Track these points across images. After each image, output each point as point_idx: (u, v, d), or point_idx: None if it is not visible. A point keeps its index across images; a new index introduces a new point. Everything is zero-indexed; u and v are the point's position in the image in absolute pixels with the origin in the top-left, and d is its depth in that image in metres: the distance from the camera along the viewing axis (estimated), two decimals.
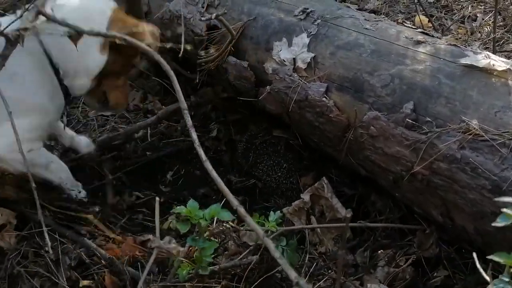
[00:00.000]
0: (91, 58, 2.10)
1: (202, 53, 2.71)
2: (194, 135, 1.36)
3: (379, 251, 2.04)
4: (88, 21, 1.88)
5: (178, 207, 1.64)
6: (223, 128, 2.98)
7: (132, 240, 2.05)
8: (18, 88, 1.98)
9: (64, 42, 1.75)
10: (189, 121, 1.52)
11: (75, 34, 1.62)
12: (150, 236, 2.13)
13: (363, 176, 2.25)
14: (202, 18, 2.56)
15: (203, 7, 2.79)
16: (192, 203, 1.61)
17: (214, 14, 2.47)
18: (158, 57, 1.71)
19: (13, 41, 1.60)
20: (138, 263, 1.97)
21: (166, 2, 2.95)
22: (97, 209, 2.31)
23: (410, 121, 1.89)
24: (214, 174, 1.35)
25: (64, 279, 1.90)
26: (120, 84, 2.32)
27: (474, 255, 1.24)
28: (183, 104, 1.62)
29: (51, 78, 2.09)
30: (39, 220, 2.07)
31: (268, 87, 2.41)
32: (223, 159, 2.85)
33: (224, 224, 1.91)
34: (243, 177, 2.73)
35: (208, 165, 1.34)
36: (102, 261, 1.94)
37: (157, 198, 1.56)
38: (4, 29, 1.54)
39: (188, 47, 2.21)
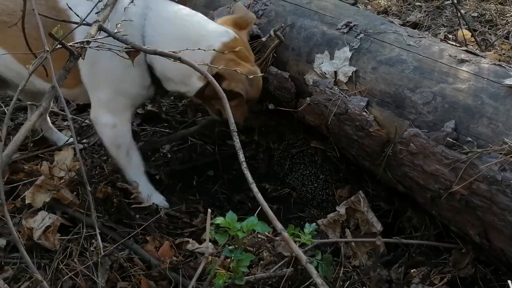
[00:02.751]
0: (190, 81, 2.31)
1: None
2: (242, 157, 1.41)
3: (414, 269, 2.03)
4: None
5: (217, 218, 1.68)
6: (260, 136, 3.02)
7: (169, 243, 2.10)
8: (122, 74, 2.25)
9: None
10: (237, 143, 1.57)
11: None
12: (189, 240, 2.19)
13: (400, 191, 2.25)
14: (263, 39, 2.61)
15: None
16: (231, 215, 1.65)
17: (273, 30, 2.55)
18: (211, 79, 1.76)
19: (76, 55, 1.68)
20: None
21: (210, 10, 3.00)
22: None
23: (450, 140, 1.89)
24: (260, 197, 1.39)
25: (104, 280, 1.95)
26: (233, 105, 2.34)
27: (510, 283, 1.23)
28: (233, 125, 1.68)
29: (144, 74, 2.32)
30: (89, 223, 2.19)
31: (308, 98, 2.44)
32: (260, 166, 2.88)
33: (260, 235, 1.94)
34: (278, 185, 2.76)
35: (255, 189, 1.38)
36: (141, 264, 1.99)
37: (209, 210, 1.62)
38: (72, 43, 1.62)
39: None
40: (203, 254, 2.07)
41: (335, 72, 2.35)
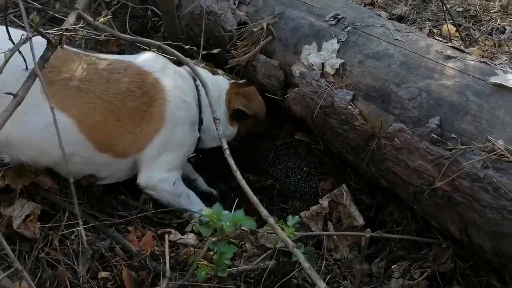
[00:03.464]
0: (228, 130, 2.68)
1: (233, 51, 2.74)
2: (225, 144, 1.39)
3: (395, 264, 2.04)
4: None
5: (203, 209, 1.66)
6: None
7: (151, 234, 2.08)
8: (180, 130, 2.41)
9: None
10: (220, 131, 1.55)
11: None
12: (171, 230, 2.18)
13: (382, 186, 2.26)
14: (254, 30, 2.59)
15: (234, 4, 2.81)
16: (217, 207, 1.63)
17: (265, 24, 2.54)
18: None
19: (53, 43, 1.63)
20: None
21: None
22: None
23: (435, 136, 1.90)
24: (244, 184, 1.38)
25: (85, 269, 1.93)
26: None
27: None
28: (215, 113, 1.66)
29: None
30: (71, 210, 2.16)
31: (295, 89, 2.42)
32: (243, 156, 2.87)
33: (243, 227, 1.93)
34: (262, 176, 2.76)
35: (239, 176, 1.37)
36: (122, 254, 1.97)
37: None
38: (47, 32, 1.58)
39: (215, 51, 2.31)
40: (185, 245, 2.06)
41: (322, 64, 2.34)
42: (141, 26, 3.91)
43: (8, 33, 1.72)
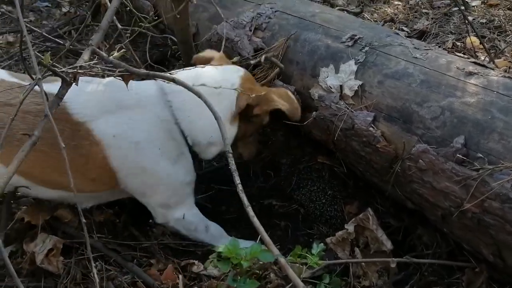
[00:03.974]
0: (227, 130, 2.17)
1: None
2: (237, 179, 1.36)
3: None
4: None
5: (220, 245, 1.63)
6: (265, 149, 2.97)
7: (173, 266, 2.05)
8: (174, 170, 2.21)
9: (195, 118, 2.13)
10: (233, 165, 1.52)
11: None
12: (194, 262, 2.15)
13: (409, 208, 2.19)
14: (251, 62, 2.59)
15: (250, 30, 2.80)
16: (233, 242, 1.60)
17: (263, 56, 2.54)
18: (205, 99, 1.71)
19: (68, 81, 1.64)
20: None
21: (214, 24, 2.97)
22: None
23: (460, 156, 1.83)
24: (256, 221, 1.34)
25: None
26: (250, 141, 2.53)
27: None
28: (228, 147, 1.64)
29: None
30: (92, 244, 2.16)
31: (314, 113, 2.39)
32: (266, 181, 2.84)
33: None
34: (286, 201, 2.71)
35: (251, 212, 1.34)
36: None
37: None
38: (61, 70, 1.58)
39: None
40: (209, 276, 2.03)
41: (341, 86, 2.30)
42: (162, 54, 3.95)
43: (27, 70, 1.74)
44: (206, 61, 2.49)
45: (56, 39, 2.43)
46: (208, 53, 2.58)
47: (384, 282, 2.10)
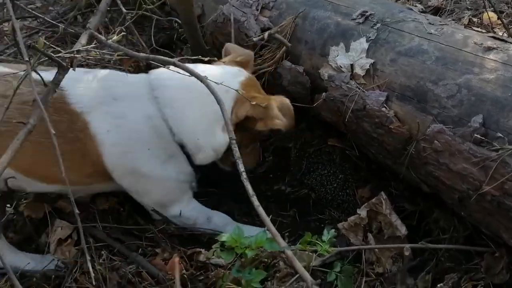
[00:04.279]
0: (216, 137, 2.11)
1: (258, 59, 2.64)
2: (241, 166, 1.28)
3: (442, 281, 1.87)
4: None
5: (223, 234, 1.55)
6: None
7: (179, 255, 1.98)
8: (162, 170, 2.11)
9: (182, 117, 2.02)
10: (236, 152, 1.45)
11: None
12: (201, 250, 2.08)
13: (424, 191, 2.10)
14: (254, 39, 2.47)
15: (257, 10, 2.70)
16: (237, 230, 1.52)
17: (267, 33, 2.44)
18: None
19: (65, 66, 1.57)
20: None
21: (219, 5, 2.88)
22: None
23: (478, 136, 1.72)
24: (261, 211, 1.26)
25: None
26: (248, 151, 2.34)
27: None
28: (232, 134, 1.55)
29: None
30: (95, 234, 2.11)
31: (323, 94, 2.30)
32: (274, 166, 2.75)
33: None
34: (296, 187, 2.63)
35: (256, 202, 1.26)
36: (150, 279, 1.89)
37: None
38: (57, 55, 1.51)
39: None
40: (216, 265, 1.96)
41: (352, 65, 2.20)
42: (169, 38, 3.86)
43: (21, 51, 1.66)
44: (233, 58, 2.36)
45: (55, 22, 2.34)
46: (239, 50, 2.42)
47: (398, 268, 2.01)
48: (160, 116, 2.03)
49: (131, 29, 3.61)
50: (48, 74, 1.57)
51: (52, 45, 1.95)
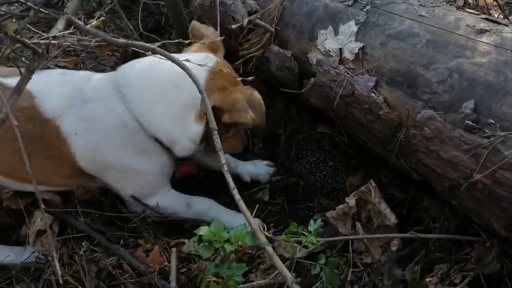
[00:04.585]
0: (189, 128, 2.05)
1: (245, 43, 2.56)
2: (222, 159, 1.22)
3: (431, 273, 1.82)
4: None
5: (202, 227, 1.49)
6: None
7: (162, 246, 1.92)
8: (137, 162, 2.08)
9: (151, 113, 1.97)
10: (218, 143, 1.39)
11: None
12: (185, 241, 2.02)
13: (415, 179, 2.04)
14: (233, 26, 2.37)
15: None
16: (217, 224, 1.45)
17: (246, 20, 2.35)
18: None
19: (40, 53, 1.51)
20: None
21: None
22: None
23: (470, 122, 1.66)
24: (242, 205, 1.21)
25: None
26: (231, 135, 2.24)
27: None
28: (213, 124, 1.49)
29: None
30: (75, 225, 2.05)
31: (312, 79, 2.22)
32: (263, 153, 2.69)
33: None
34: (284, 174, 2.56)
35: (237, 196, 1.20)
36: (130, 271, 1.83)
37: None
38: (32, 42, 1.45)
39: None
40: (199, 256, 1.90)
41: (340, 49, 2.13)
42: (157, 22, 3.76)
43: None
44: (200, 37, 2.29)
45: (32, 5, 2.24)
46: (205, 29, 2.36)
47: (388, 258, 1.96)
48: (129, 113, 1.99)
49: (119, 14, 3.53)
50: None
51: (38, 31, 1.90)
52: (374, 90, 1.97)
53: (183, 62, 1.63)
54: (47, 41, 1.61)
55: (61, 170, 2.03)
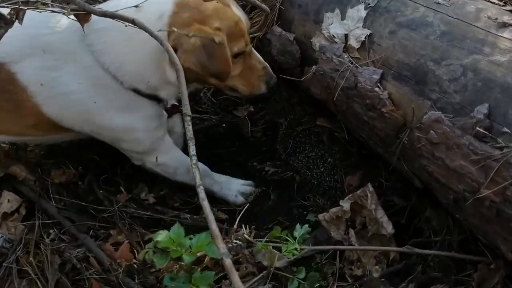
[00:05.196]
0: (168, 75, 1.84)
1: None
2: (192, 149, 1.04)
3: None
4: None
5: (160, 232, 1.30)
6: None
7: (134, 241, 1.75)
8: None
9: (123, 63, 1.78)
10: (189, 131, 1.22)
11: None
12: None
13: (417, 186, 1.84)
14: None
15: None
16: (177, 229, 1.27)
17: None
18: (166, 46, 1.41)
19: (9, 19, 1.35)
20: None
21: None
22: None
23: (481, 130, 1.45)
24: (206, 205, 1.04)
25: (53, 281, 1.66)
26: (236, 73, 1.97)
27: None
28: (187, 109, 1.32)
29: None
30: (45, 207, 1.90)
31: (314, 67, 2.02)
32: (260, 144, 2.50)
33: (236, 240, 1.58)
34: (280, 167, 2.37)
35: (201, 194, 1.04)
36: (97, 266, 1.68)
37: None
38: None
39: None
40: None
41: (346, 36, 1.92)
42: None
43: None
44: None
45: None
46: None
47: (380, 271, 1.77)
48: (99, 66, 1.80)
49: None
50: None
51: None
52: (378, 84, 1.77)
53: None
54: (17, 6, 1.45)
55: (22, 119, 1.86)
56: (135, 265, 1.67)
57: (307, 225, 1.70)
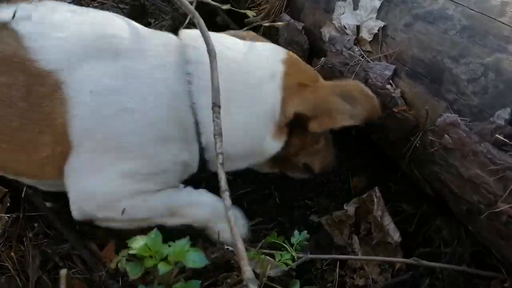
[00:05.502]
0: (264, 144, 1.59)
1: (254, 9, 2.23)
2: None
3: None
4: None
5: (136, 238, 1.17)
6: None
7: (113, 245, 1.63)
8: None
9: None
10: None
11: None
12: None
13: (428, 194, 1.71)
14: None
15: None
16: (155, 236, 1.15)
17: None
18: None
19: None
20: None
21: None
22: None
23: (501, 137, 1.32)
24: None
25: (34, 279, 1.56)
26: (319, 148, 1.77)
27: None
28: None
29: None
30: (30, 200, 1.80)
31: (322, 59, 1.89)
32: None
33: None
34: None
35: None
36: (80, 265, 1.58)
37: None
38: None
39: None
40: None
41: (358, 27, 1.79)
42: None
43: None
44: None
45: None
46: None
47: (384, 281, 1.65)
48: (187, 99, 1.47)
49: None
50: None
51: None
52: (390, 81, 1.64)
53: None
54: None
55: (36, 149, 1.46)
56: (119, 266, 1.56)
57: (305, 232, 1.57)
